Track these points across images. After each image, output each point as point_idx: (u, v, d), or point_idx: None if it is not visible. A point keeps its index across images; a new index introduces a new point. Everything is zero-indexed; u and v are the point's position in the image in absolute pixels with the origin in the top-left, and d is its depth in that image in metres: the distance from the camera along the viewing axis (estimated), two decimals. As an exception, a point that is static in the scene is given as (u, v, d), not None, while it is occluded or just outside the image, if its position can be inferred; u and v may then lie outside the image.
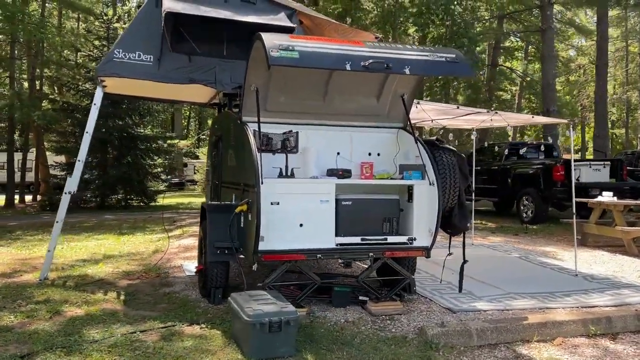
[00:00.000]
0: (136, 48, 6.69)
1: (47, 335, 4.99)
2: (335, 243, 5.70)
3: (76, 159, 7.10)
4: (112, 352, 4.63)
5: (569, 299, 6.60)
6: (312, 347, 4.88)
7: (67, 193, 7.18)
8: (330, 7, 25.56)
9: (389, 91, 6.25)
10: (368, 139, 6.51)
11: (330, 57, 4.95)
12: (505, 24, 31.61)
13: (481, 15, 30.21)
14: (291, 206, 5.55)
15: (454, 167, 6.09)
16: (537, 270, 8.41)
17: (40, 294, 6.40)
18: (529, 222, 14.72)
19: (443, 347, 5.06)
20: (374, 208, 5.89)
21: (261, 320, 4.56)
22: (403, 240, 5.92)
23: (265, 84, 5.87)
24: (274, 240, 5.46)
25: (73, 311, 5.76)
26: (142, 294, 6.59)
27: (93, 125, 7.23)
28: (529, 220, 14.83)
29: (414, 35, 26.55)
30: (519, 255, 9.59)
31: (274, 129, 6.14)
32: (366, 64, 4.94)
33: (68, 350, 4.64)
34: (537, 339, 5.36)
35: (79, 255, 9.32)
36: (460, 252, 6.55)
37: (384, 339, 5.20)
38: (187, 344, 4.87)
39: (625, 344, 5.36)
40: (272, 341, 4.59)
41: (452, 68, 5.30)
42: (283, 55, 4.78)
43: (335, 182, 5.79)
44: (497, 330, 5.36)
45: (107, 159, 22.88)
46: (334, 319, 5.73)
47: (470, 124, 8.73)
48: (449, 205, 6.13)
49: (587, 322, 5.61)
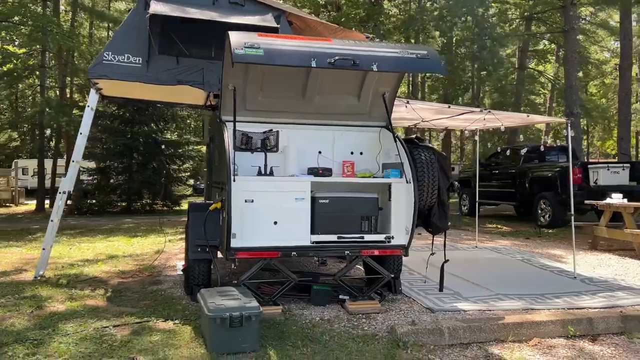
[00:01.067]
0: (125, 50, 6.84)
1: (22, 329, 5.13)
2: (310, 241, 5.70)
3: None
4: (78, 345, 4.73)
5: (559, 301, 6.46)
6: (279, 344, 4.90)
7: (62, 193, 7.35)
8: (352, 12, 25.59)
9: (369, 90, 6.24)
10: (350, 138, 6.50)
11: (296, 54, 4.98)
12: (533, 26, 31.13)
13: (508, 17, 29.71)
14: (266, 204, 5.58)
15: (433, 165, 6.03)
16: (535, 273, 8.25)
17: (30, 290, 6.58)
18: (546, 226, 14.44)
19: (412, 345, 5.01)
20: (352, 206, 5.87)
21: (222, 315, 4.59)
22: (380, 238, 5.89)
23: (243, 83, 5.93)
24: (248, 237, 5.50)
25: (55, 307, 5.90)
26: (129, 292, 6.70)
27: (87, 127, 7.41)
28: (546, 225, 14.54)
29: (439, 39, 26.32)
30: (521, 258, 9.41)
31: (255, 127, 6.20)
32: (332, 60, 4.95)
33: (37, 343, 4.77)
34: (512, 339, 5.26)
35: (84, 255, 9.53)
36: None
37: (354, 336, 5.18)
38: (154, 339, 4.95)
39: (604, 345, 5.22)
40: (233, 336, 4.62)
41: (422, 64, 5.25)
42: (247, 53, 4.83)
43: (310, 180, 5.80)
44: (470, 329, 5.28)
45: (132, 164, 23.33)
46: (310, 317, 5.74)
47: (463, 123, 8.61)
48: (429, 203, 6.08)
49: (566, 323, 5.48)
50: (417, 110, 7.50)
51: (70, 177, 7.35)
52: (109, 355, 4.53)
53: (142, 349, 4.67)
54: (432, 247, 6.62)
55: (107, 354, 4.56)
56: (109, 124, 23.24)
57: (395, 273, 6.66)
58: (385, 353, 4.80)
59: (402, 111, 7.44)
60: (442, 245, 6.84)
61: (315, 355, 4.70)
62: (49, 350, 4.60)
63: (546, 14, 26.32)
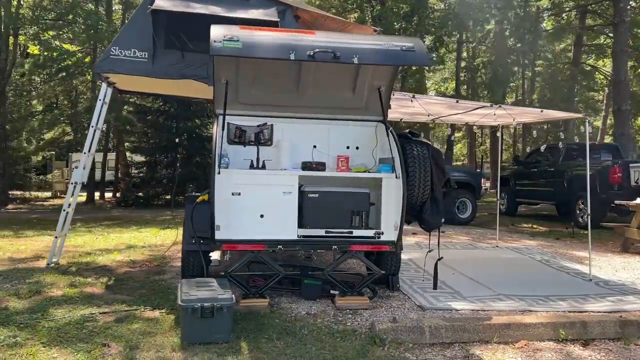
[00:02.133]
0: (132, 45, 7.00)
1: (13, 312, 5.36)
2: (297, 235, 5.69)
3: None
4: (60, 330, 4.90)
5: (562, 303, 6.23)
6: (255, 336, 4.92)
7: (73, 184, 7.60)
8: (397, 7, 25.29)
9: (364, 84, 6.16)
10: (346, 133, 6.45)
11: (275, 47, 4.98)
12: (589, 19, 29.99)
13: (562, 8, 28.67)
14: (253, 197, 5.60)
15: (425, 160, 5.91)
16: (549, 274, 7.97)
17: (37, 276, 6.84)
18: (584, 226, 13.89)
19: (390, 342, 4.93)
20: (341, 201, 5.82)
21: (193, 305, 4.66)
22: (370, 234, 5.82)
23: (235, 77, 5.96)
24: (234, 229, 5.54)
25: (53, 293, 6.12)
26: (131, 281, 6.87)
27: (99, 119, 7.63)
28: (584, 225, 13.99)
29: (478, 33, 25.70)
30: (540, 258, 9.10)
31: (249, 121, 6.23)
32: (311, 53, 4.92)
33: (23, 326, 4.96)
34: (497, 341, 5.11)
35: (106, 245, 9.83)
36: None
37: (334, 331, 5.15)
38: (134, 326, 5.06)
39: (595, 350, 4.99)
40: (205, 326, 4.68)
41: (407, 57, 5.14)
42: (226, 46, 4.87)
43: (298, 173, 5.79)
44: (453, 329, 5.15)
45: (177, 158, 23.88)
46: (296, 311, 5.74)
47: (472, 118, 8.37)
48: (421, 199, 5.96)
49: (558, 326, 5.26)
50: (427, 105, 7.35)
51: (82, 169, 7.58)
52: (85, 341, 4.67)
53: (118, 336, 4.79)
54: (429, 244, 6.48)
55: (84, 339, 4.70)
56: (155, 119, 23.85)
57: (392, 270, 6.57)
58: (359, 349, 4.75)
59: (416, 106, 7.31)
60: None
61: (287, 349, 4.70)
62: (30, 334, 4.77)
63: (602, 5, 25.34)
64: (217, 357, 4.44)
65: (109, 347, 4.53)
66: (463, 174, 15.37)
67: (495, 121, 8.60)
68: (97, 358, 4.34)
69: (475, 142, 41.75)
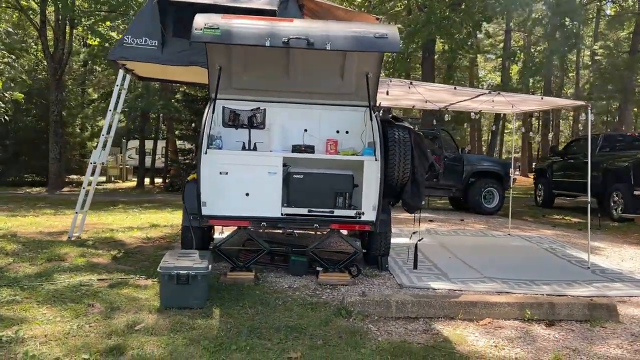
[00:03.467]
0: (143, 34, 7.47)
1: (21, 277, 5.93)
2: (281, 213, 6.03)
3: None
4: (57, 292, 5.42)
5: (545, 287, 6.35)
6: (230, 304, 5.30)
7: (92, 164, 8.19)
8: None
9: (352, 70, 6.40)
10: (337, 117, 6.71)
11: (251, 34, 5.30)
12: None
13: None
14: (239, 176, 5.97)
15: (406, 143, 6.12)
16: (547, 261, 8.02)
17: (55, 247, 7.43)
18: (618, 219, 13.63)
19: (356, 314, 5.22)
20: (326, 182, 6.11)
21: (170, 272, 5.08)
22: (351, 214, 6.08)
23: (227, 63, 6.32)
24: (220, 206, 5.93)
25: (63, 261, 6.68)
26: (139, 254, 7.38)
27: (117, 103, 8.17)
28: (618, 218, 13.73)
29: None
30: (547, 247, 9.11)
31: (242, 105, 6.59)
32: (286, 40, 5.22)
33: (25, 288, 5.52)
34: (462, 317, 5.31)
35: (132, 223, 10.43)
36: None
37: (307, 303, 5.48)
38: (124, 291, 5.55)
39: (557, 330, 5.13)
40: (181, 292, 5.09)
41: (379, 44, 5.35)
42: (206, 33, 5.24)
43: (282, 155, 6.12)
44: (419, 304, 5.39)
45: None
46: (280, 284, 6.09)
47: (470, 105, 8.42)
48: (401, 181, 6.18)
49: (524, 306, 5.41)
50: (421, 92, 7.51)
51: (99, 150, 8.16)
52: (75, 301, 5.17)
53: (105, 299, 5.27)
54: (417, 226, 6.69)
55: (74, 300, 5.20)
56: (199, 107, 24.65)
57: (381, 251, 6.82)
58: (324, 319, 5.05)
59: (405, 92, 7.50)
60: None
61: (255, 316, 5.05)
62: (29, 294, 5.32)
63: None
64: (187, 319, 4.84)
65: (93, 307, 5.01)
66: (490, 163, 15.29)
67: (494, 108, 8.64)
68: (80, 315, 4.82)
69: (529, 133, 40.92)
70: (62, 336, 4.35)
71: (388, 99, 7.62)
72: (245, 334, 4.58)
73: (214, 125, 6.42)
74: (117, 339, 4.34)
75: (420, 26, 22.74)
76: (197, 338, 4.44)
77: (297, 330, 4.73)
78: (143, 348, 4.20)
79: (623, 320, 5.44)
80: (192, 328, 4.66)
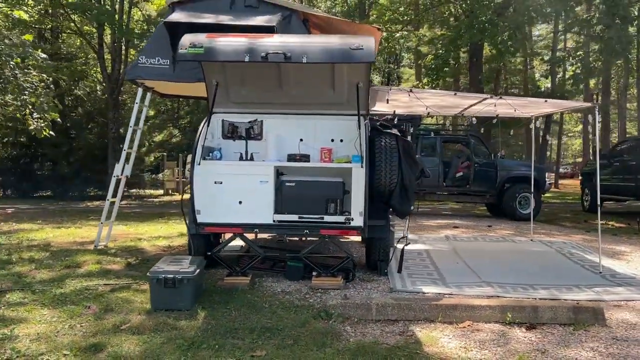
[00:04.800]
0: (156, 54, 7.95)
1: (35, 281, 6.44)
2: (273, 220, 6.28)
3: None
4: (62, 295, 5.87)
5: (542, 291, 6.31)
6: (217, 306, 5.58)
7: (115, 177, 8.72)
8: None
9: (342, 80, 6.57)
10: (331, 126, 6.90)
11: (232, 51, 5.60)
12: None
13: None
14: (233, 185, 6.27)
15: (392, 150, 6.25)
16: (559, 266, 7.90)
17: (78, 255, 7.96)
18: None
19: (336, 317, 5.39)
20: (316, 189, 6.32)
21: (157, 276, 5.42)
22: (340, 220, 6.26)
23: (224, 79, 6.66)
24: (215, 214, 6.25)
25: (79, 268, 7.17)
26: (154, 262, 7.59)
27: (135, 120, 8.68)
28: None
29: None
30: (566, 252, 8.94)
31: (241, 118, 6.91)
32: (264, 54, 5.49)
33: (35, 291, 6.00)
34: (442, 320, 5.38)
35: (162, 232, 10.93)
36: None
37: (292, 306, 5.69)
38: (122, 295, 5.94)
39: (536, 333, 5.11)
40: (169, 295, 5.42)
41: (354, 55, 5.51)
42: (190, 52, 5.58)
43: (274, 164, 6.38)
44: (399, 307, 5.50)
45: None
46: (274, 289, 6.34)
47: (471, 111, 8.37)
48: (388, 188, 6.31)
49: (506, 310, 5.42)
50: (421, 99, 7.61)
51: (122, 164, 8.68)
52: (75, 304, 5.59)
53: (102, 301, 5.67)
54: (406, 231, 6.79)
55: (75, 302, 5.63)
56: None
57: (381, 256, 6.95)
58: (303, 321, 5.25)
59: (405, 100, 7.61)
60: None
61: (238, 318, 5.31)
62: (37, 297, 5.79)
63: None
64: (172, 320, 5.16)
65: (89, 308, 5.42)
66: (525, 168, 15.00)
67: (515, 113, 8.58)
68: (75, 316, 5.22)
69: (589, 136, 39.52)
70: (52, 335, 4.75)
71: (400, 106, 7.78)
72: (221, 334, 4.84)
73: (213, 137, 6.77)
74: (100, 338, 4.69)
75: (463, 31, 22.63)
76: (175, 337, 4.73)
77: (271, 331, 4.95)
78: (122, 346, 4.53)
79: (610, 324, 5.35)
80: (173, 328, 4.97)
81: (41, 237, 9.78)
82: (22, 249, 8.48)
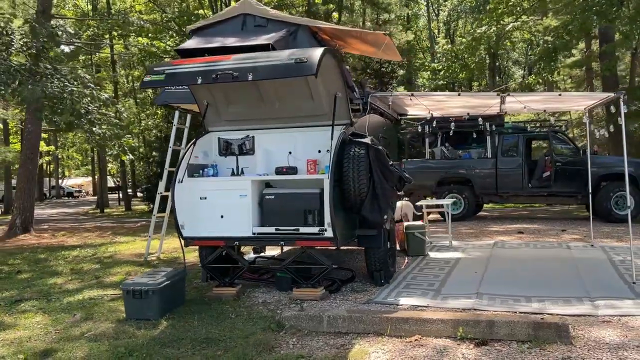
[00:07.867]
0: (180, 80, 8.53)
1: (58, 291, 7.23)
2: (252, 232, 6.47)
3: None
4: (66, 304, 6.56)
5: (535, 305, 5.80)
6: (186, 317, 5.90)
7: (159, 194, 9.45)
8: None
9: (318, 92, 6.55)
10: (316, 138, 6.88)
11: (187, 75, 5.90)
12: None
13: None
14: (215, 200, 6.57)
15: (360, 160, 6.13)
16: (592, 274, 7.11)
17: (119, 267, 8.75)
18: None
19: (288, 328, 5.46)
20: (295, 201, 6.40)
21: (127, 288, 5.87)
22: (315, 231, 6.27)
23: (213, 99, 6.99)
24: (197, 228, 6.59)
25: (106, 279, 7.89)
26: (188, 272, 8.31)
27: (174, 140, 9.35)
28: None
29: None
30: (617, 259, 8.02)
31: (233, 135, 7.19)
32: (214, 76, 5.73)
33: (50, 299, 6.76)
34: (391, 334, 5.21)
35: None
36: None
37: (254, 317, 5.83)
38: (111, 305, 6.49)
39: (483, 350, 4.74)
40: (139, 306, 5.84)
41: (297, 69, 5.51)
42: (153, 79, 5.99)
43: (251, 179, 6.57)
44: (350, 319, 5.41)
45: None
46: (256, 299, 6.52)
47: (479, 111, 7.72)
48: (359, 197, 6.20)
49: (459, 324, 5.10)
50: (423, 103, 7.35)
51: (164, 182, 9.38)
52: (67, 312, 6.23)
53: (92, 310, 6.25)
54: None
55: (68, 310, 6.27)
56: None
57: (376, 267, 6.83)
58: (250, 332, 5.38)
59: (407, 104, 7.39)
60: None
61: (197, 327, 5.58)
62: (44, 305, 6.53)
63: None
64: (133, 329, 5.56)
65: (74, 316, 6.02)
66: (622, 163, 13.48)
67: (562, 107, 7.87)
68: (57, 323, 5.83)
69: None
70: (24, 340, 5.37)
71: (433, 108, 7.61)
72: (162, 344, 5.13)
73: (208, 155, 7.13)
74: (60, 344, 5.22)
75: (577, 15, 20.73)
76: (121, 345, 5.12)
77: (212, 341, 5.15)
78: (71, 352, 5.01)
79: (576, 342, 4.80)
80: (129, 336, 5.37)
81: (113, 250, 10.83)
82: (86, 261, 9.49)
